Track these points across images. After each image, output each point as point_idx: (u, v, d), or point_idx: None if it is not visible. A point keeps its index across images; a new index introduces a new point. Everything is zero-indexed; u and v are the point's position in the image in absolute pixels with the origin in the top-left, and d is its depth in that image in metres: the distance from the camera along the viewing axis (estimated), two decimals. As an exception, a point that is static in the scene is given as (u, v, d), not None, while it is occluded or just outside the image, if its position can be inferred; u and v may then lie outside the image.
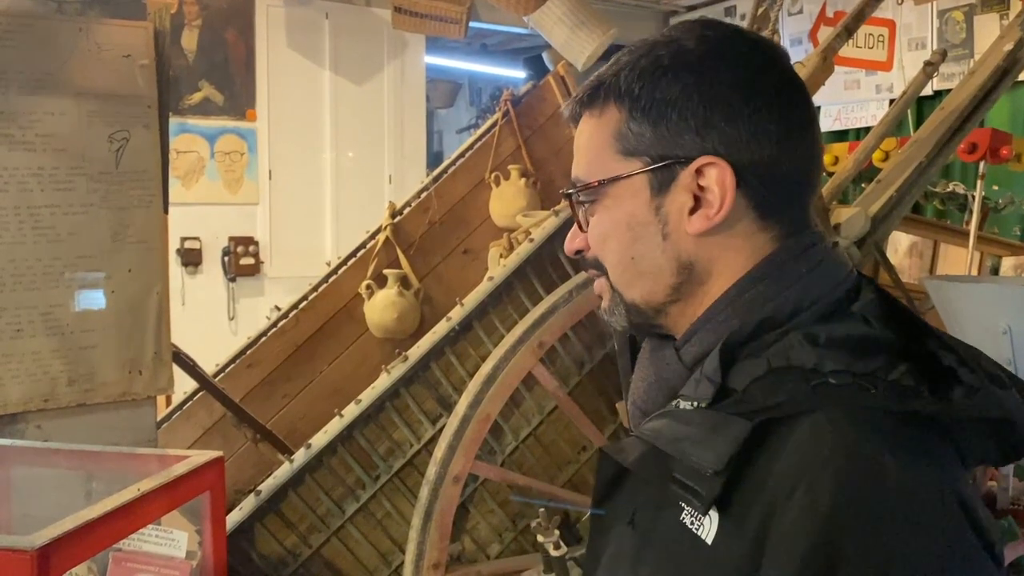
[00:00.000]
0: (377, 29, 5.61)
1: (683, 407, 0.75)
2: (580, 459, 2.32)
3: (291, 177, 5.36)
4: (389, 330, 3.13)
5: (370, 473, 2.17)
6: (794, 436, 0.66)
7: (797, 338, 0.72)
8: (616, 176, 0.78)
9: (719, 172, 0.75)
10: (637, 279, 0.80)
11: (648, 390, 0.82)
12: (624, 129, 0.78)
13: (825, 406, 0.67)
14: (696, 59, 0.76)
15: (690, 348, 0.78)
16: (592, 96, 0.81)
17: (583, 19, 4.96)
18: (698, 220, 0.76)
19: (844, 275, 0.77)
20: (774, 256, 0.77)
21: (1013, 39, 2.73)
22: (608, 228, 0.80)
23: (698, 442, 0.69)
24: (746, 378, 0.72)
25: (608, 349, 2.27)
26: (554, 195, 3.16)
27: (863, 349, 0.71)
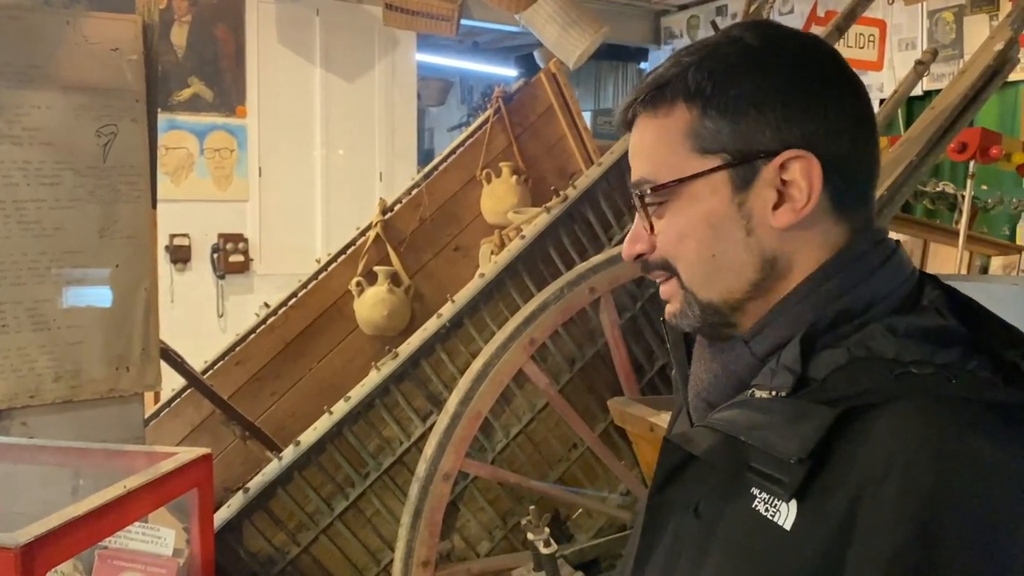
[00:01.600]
0: (368, 26, 5.59)
1: (759, 396, 0.75)
2: (571, 457, 2.31)
3: (281, 174, 5.34)
4: (379, 327, 3.12)
5: (359, 471, 2.16)
6: (881, 423, 0.66)
7: (878, 329, 0.73)
8: (696, 174, 0.78)
9: (806, 165, 0.76)
10: (717, 277, 0.79)
11: (715, 382, 0.82)
12: (699, 127, 0.78)
13: (909, 395, 0.67)
14: (765, 57, 0.78)
15: (762, 340, 0.78)
16: (656, 97, 0.80)
17: (574, 18, 4.95)
18: (785, 214, 0.77)
19: (911, 270, 0.79)
20: (848, 249, 0.78)
21: (1003, 39, 2.74)
22: (686, 227, 0.79)
23: (779, 430, 0.69)
24: (826, 368, 0.73)
25: (599, 347, 2.26)
26: (545, 192, 3.15)
27: (940, 340, 0.72)
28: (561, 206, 2.19)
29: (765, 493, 0.70)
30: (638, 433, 2.06)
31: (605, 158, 2.27)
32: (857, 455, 0.66)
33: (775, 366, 0.75)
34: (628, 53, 7.95)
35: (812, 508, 0.66)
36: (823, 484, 0.66)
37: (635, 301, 2.30)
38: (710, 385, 0.82)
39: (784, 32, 0.81)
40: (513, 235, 2.34)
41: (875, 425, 0.66)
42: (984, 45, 2.78)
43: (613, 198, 2.30)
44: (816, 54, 0.79)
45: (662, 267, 0.82)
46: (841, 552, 0.64)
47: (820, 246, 0.78)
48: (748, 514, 0.71)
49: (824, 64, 0.79)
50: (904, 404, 0.66)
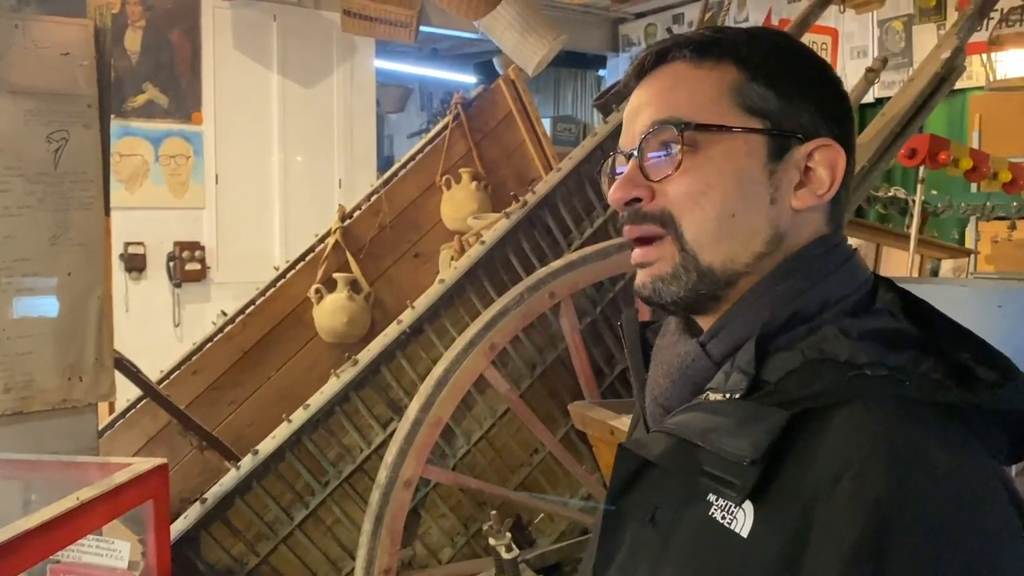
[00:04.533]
0: (326, 32, 5.56)
1: (713, 399, 0.74)
2: (532, 461, 2.32)
3: (238, 181, 5.28)
4: (339, 334, 3.10)
5: (319, 479, 2.14)
6: (834, 426, 0.66)
7: (832, 331, 0.72)
8: (742, 127, 0.76)
9: (833, 155, 0.77)
10: (728, 239, 0.76)
11: (671, 387, 0.80)
12: (746, 87, 0.77)
13: (863, 397, 0.67)
14: (806, 53, 0.81)
15: (718, 343, 0.77)
16: (705, 47, 0.78)
17: (533, 24, 4.97)
18: (806, 195, 0.77)
19: (866, 275, 0.79)
20: (805, 251, 0.77)
21: (950, 47, 2.80)
22: (714, 178, 0.76)
23: (732, 432, 0.68)
24: (780, 370, 0.72)
25: (559, 351, 2.27)
26: (505, 198, 3.16)
27: (893, 343, 0.72)
28: (521, 211, 2.20)
29: (721, 499, 0.69)
30: (599, 437, 2.07)
31: (564, 164, 2.28)
32: (811, 458, 0.65)
33: (729, 368, 0.74)
34: (586, 60, 8.01)
35: (768, 514, 0.66)
36: (779, 489, 0.66)
37: (595, 305, 2.31)
38: (667, 390, 0.80)
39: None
40: (473, 241, 2.34)
41: (828, 427, 0.66)
42: (932, 53, 2.85)
43: (572, 203, 2.31)
44: (831, 69, 0.82)
45: (658, 220, 0.77)
46: (798, 558, 0.62)
47: (806, 239, 0.78)
48: (705, 521, 0.69)
49: (837, 79, 0.82)
50: (857, 406, 0.66)
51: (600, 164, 0.89)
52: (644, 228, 0.78)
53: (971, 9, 2.90)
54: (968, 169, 3.50)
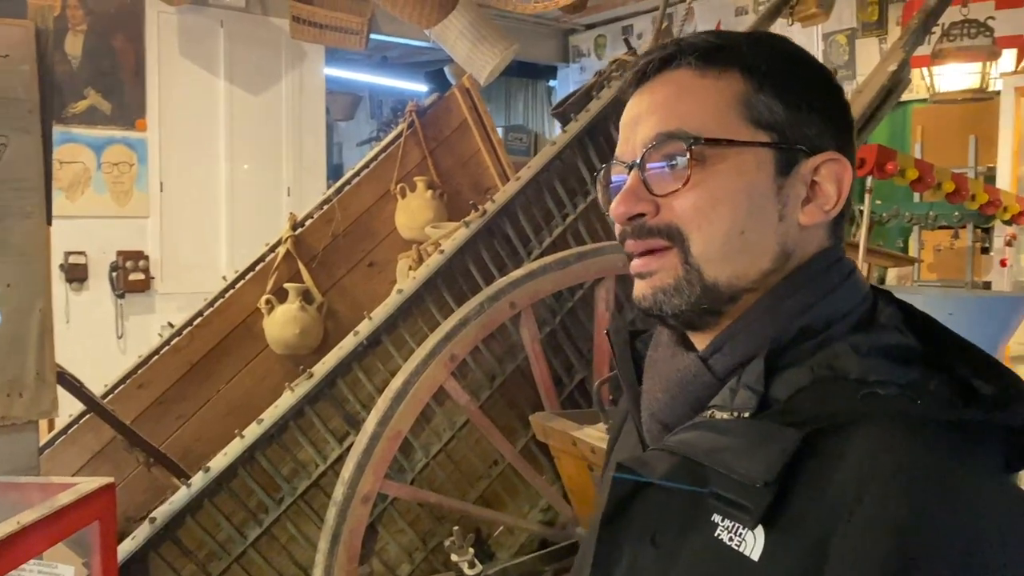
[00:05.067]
0: (275, 38, 5.48)
1: (720, 417, 0.71)
2: (491, 474, 2.28)
3: (183, 189, 5.16)
4: (290, 346, 3.03)
5: (273, 496, 2.08)
6: (850, 447, 0.64)
7: (842, 347, 0.71)
8: (751, 141, 0.74)
9: (840, 169, 0.75)
10: (736, 256, 0.74)
11: (671, 403, 0.77)
12: (753, 99, 0.75)
13: (876, 416, 0.65)
14: (811, 62, 0.78)
15: (721, 357, 0.75)
16: (710, 55, 0.76)
17: (485, 34, 4.96)
18: (813, 211, 0.76)
19: (866, 287, 0.78)
20: (809, 266, 0.76)
21: (897, 60, 2.85)
22: (724, 193, 0.73)
23: (743, 453, 0.66)
24: (789, 388, 0.70)
25: (519, 361, 2.24)
26: (461, 207, 3.13)
27: (901, 359, 0.71)
28: (480, 220, 2.17)
29: (728, 520, 0.67)
30: (561, 448, 2.05)
31: (524, 173, 2.26)
32: (826, 480, 0.63)
33: (735, 385, 0.72)
34: (537, 70, 8.03)
35: (781, 536, 0.64)
36: (792, 511, 0.64)
37: (554, 315, 2.29)
38: (666, 406, 0.78)
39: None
40: (431, 250, 2.30)
41: (845, 449, 0.64)
42: (879, 66, 2.90)
43: (532, 212, 2.29)
44: (834, 77, 0.80)
45: (664, 234, 0.75)
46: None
47: (810, 254, 0.77)
48: (711, 544, 0.67)
49: (840, 87, 0.80)
50: (872, 427, 0.64)
51: (599, 173, 0.86)
52: (649, 243, 0.76)
53: (916, 23, 2.96)
54: (914, 179, 3.56)
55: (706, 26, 6.11)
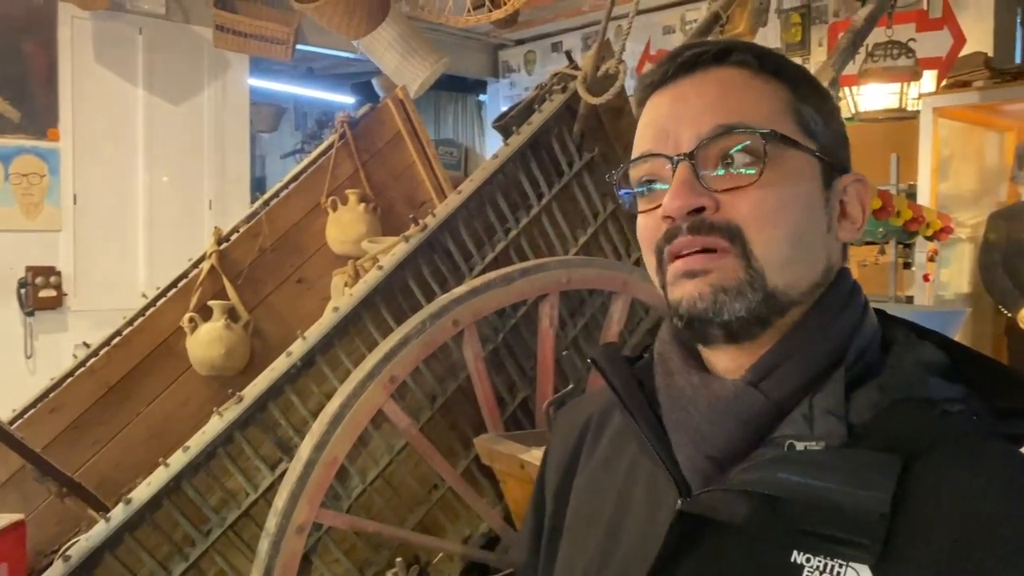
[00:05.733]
0: (196, 47, 5.31)
1: (803, 448, 0.66)
2: (431, 499, 2.19)
3: (99, 202, 4.94)
4: (215, 366, 2.89)
5: (200, 528, 1.95)
6: (951, 468, 0.63)
7: (910, 366, 0.69)
8: (809, 148, 0.72)
9: (865, 192, 0.75)
10: (794, 262, 0.71)
11: (724, 435, 0.70)
12: (800, 107, 0.73)
13: (960, 436, 0.66)
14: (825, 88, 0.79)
15: (776, 382, 0.70)
16: (764, 60, 0.74)
17: (414, 46, 4.90)
18: (849, 228, 0.75)
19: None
20: (845, 285, 0.74)
21: (827, 79, 2.89)
22: (788, 196, 0.70)
23: (849, 485, 0.62)
24: (868, 411, 0.67)
25: (461, 382, 2.16)
26: (394, 221, 3.05)
27: (947, 375, 0.70)
28: (421, 235, 2.09)
29: (822, 558, 0.63)
30: (507, 471, 1.98)
31: (465, 186, 2.19)
32: (934, 506, 0.62)
33: (807, 412, 0.67)
34: (467, 85, 8.00)
35: (893, 568, 0.61)
36: (902, 540, 0.61)
37: (497, 333, 2.23)
38: (718, 439, 0.70)
39: None
40: (369, 266, 2.21)
41: (948, 470, 0.63)
42: (810, 84, 2.93)
43: (474, 227, 2.22)
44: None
45: (725, 233, 0.69)
46: None
47: (837, 271, 0.76)
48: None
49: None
50: (969, 446, 0.65)
51: (615, 172, 0.78)
52: (708, 240, 0.70)
53: (844, 43, 3.01)
54: (842, 196, 3.63)
55: (637, 44, 6.17)
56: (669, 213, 0.71)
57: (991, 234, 4.51)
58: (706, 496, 0.69)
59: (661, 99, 0.75)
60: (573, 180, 2.39)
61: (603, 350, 0.83)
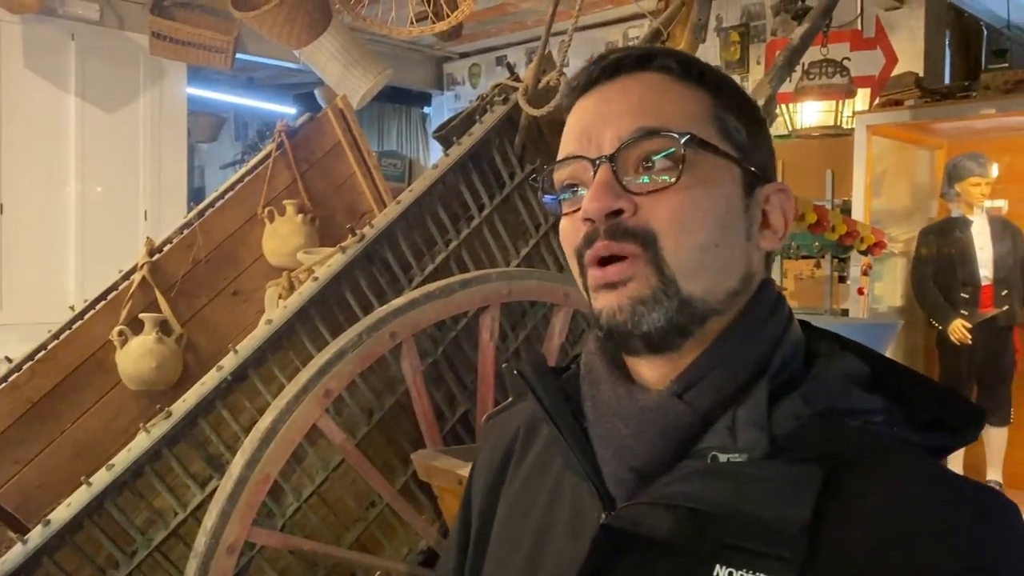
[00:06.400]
0: (132, 54, 5.19)
1: (726, 460, 0.66)
2: (369, 516, 2.14)
3: (27, 211, 4.80)
4: (146, 381, 2.80)
5: (125, 549, 1.88)
6: (873, 480, 0.63)
7: (832, 377, 0.69)
8: (730, 154, 0.71)
9: (787, 202, 0.75)
10: (708, 269, 0.70)
11: (647, 447, 0.69)
12: (722, 115, 0.72)
13: (882, 447, 0.66)
14: (747, 94, 0.78)
15: (700, 393, 0.69)
16: (688, 66, 0.73)
17: (357, 57, 4.85)
18: (770, 237, 0.75)
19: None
20: (769, 295, 0.74)
21: (764, 95, 2.94)
22: (705, 202, 0.69)
23: (769, 498, 0.62)
24: (788, 422, 0.66)
25: (399, 395, 2.13)
26: (333, 232, 2.99)
27: (867, 387, 0.69)
28: (358, 246, 2.05)
29: (744, 571, 0.62)
30: (446, 487, 1.94)
31: (405, 196, 2.16)
32: (854, 518, 0.62)
33: (731, 423, 0.66)
34: (411, 97, 7.98)
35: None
36: (824, 552, 0.61)
37: (436, 345, 2.19)
38: (641, 451, 0.69)
39: None
40: (304, 277, 2.16)
41: (870, 482, 0.63)
42: (749, 100, 2.97)
43: (413, 238, 2.18)
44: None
45: (639, 237, 0.69)
46: None
47: (759, 281, 0.75)
48: None
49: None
50: (891, 458, 0.65)
51: (540, 177, 0.77)
52: (624, 246, 0.69)
53: (780, 61, 3.06)
54: (781, 211, 3.69)
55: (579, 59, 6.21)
56: (588, 215, 0.70)
57: (922, 249, 4.62)
58: (629, 510, 0.68)
59: (586, 103, 0.75)
60: (514, 192, 2.38)
61: (528, 361, 0.80)
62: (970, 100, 4.30)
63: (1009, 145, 4.79)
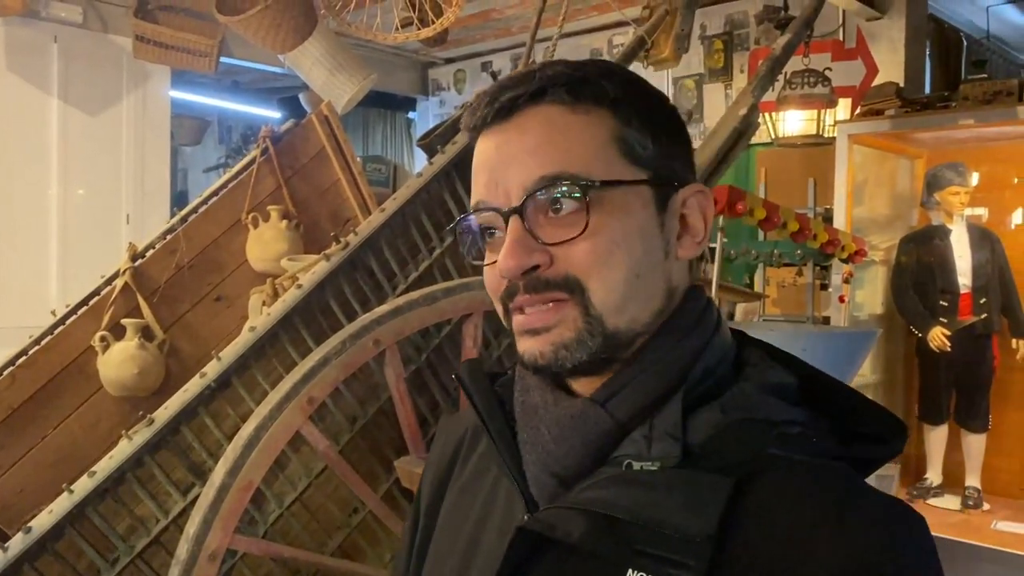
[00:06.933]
0: (115, 57, 5.17)
1: (639, 468, 0.67)
2: (351, 523, 2.15)
3: (8, 214, 4.76)
4: (128, 387, 2.78)
5: (107, 556, 1.87)
6: (781, 489, 0.64)
7: (749, 387, 0.70)
8: (637, 180, 0.71)
9: (705, 201, 0.75)
10: (633, 300, 0.70)
11: (568, 453, 0.71)
12: (626, 134, 0.72)
13: (795, 458, 0.66)
14: (655, 89, 0.77)
15: (621, 403, 0.70)
16: (577, 89, 0.71)
17: (342, 62, 4.86)
18: (689, 244, 0.75)
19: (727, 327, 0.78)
20: (695, 302, 0.75)
21: (746, 105, 2.97)
22: (620, 237, 0.69)
23: (677, 506, 0.63)
24: (704, 432, 0.67)
25: (382, 403, 2.13)
26: (318, 238, 2.99)
27: (790, 397, 0.71)
28: (342, 253, 2.05)
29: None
30: (427, 495, 1.95)
31: (389, 204, 2.16)
32: (763, 527, 0.62)
33: (648, 432, 0.68)
34: (396, 102, 7.98)
35: None
36: (730, 561, 0.62)
37: (420, 352, 2.20)
38: (562, 457, 0.71)
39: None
40: (288, 284, 2.16)
41: (778, 492, 0.64)
42: (730, 109, 3.00)
43: (397, 246, 2.19)
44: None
45: (562, 286, 0.69)
46: None
47: (684, 289, 0.76)
48: None
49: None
50: (801, 468, 0.65)
51: (456, 226, 0.78)
52: (547, 295, 0.70)
53: (763, 70, 3.10)
54: (762, 219, 3.71)
55: (563, 65, 6.23)
56: (504, 275, 0.71)
57: (902, 257, 4.67)
58: (546, 514, 0.70)
59: (487, 143, 0.74)
60: (498, 200, 2.39)
61: (466, 366, 0.83)
62: (950, 110, 4.35)
63: (988, 155, 4.85)
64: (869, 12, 5.14)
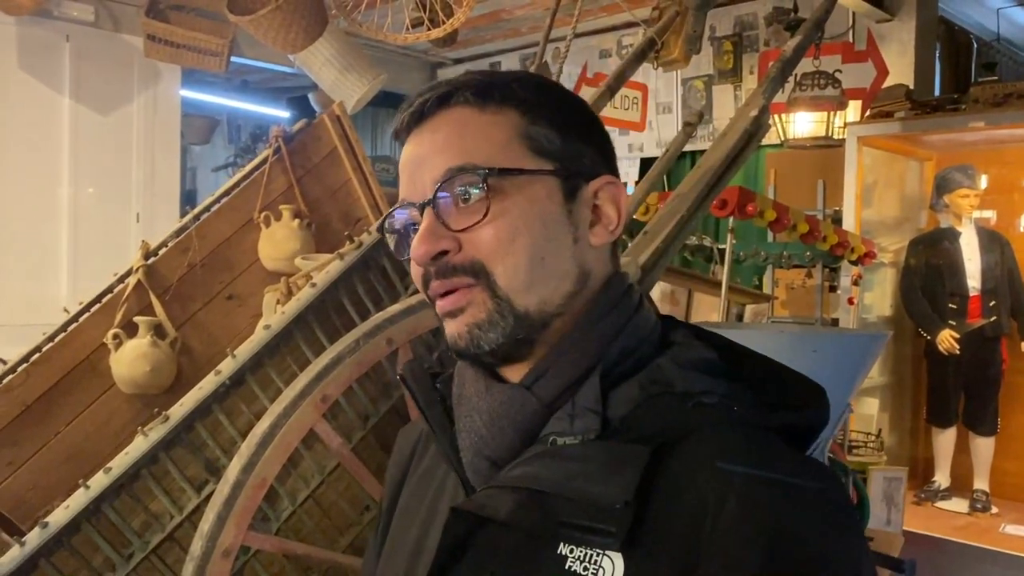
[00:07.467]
0: (126, 56, 5.20)
1: (563, 443, 0.72)
2: (363, 520, 2.16)
3: (20, 213, 4.79)
4: (140, 385, 2.80)
5: (122, 552, 1.89)
6: (697, 457, 0.67)
7: (666, 363, 0.74)
8: (539, 169, 0.76)
9: (617, 192, 0.80)
10: (539, 282, 0.76)
11: (498, 436, 0.76)
12: (532, 130, 0.77)
13: (713, 425, 0.69)
14: (568, 92, 0.84)
15: (546, 384, 0.75)
16: (485, 92, 0.77)
17: (352, 62, 4.88)
18: (601, 232, 0.79)
19: (654, 310, 0.82)
20: (611, 289, 0.80)
21: (757, 106, 2.97)
22: (521, 223, 0.75)
23: (596, 476, 0.67)
24: (624, 406, 0.72)
25: (395, 400, 2.14)
26: (329, 237, 3.01)
27: (712, 371, 0.74)
28: (356, 252, 2.07)
29: (582, 549, 0.66)
30: (439, 493, 1.96)
31: (401, 204, 2.17)
32: (680, 492, 0.65)
33: (571, 410, 0.72)
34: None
35: (642, 555, 0.65)
36: (649, 528, 0.65)
37: (431, 351, 2.21)
38: (492, 440, 0.76)
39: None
40: (302, 283, 2.18)
41: (691, 460, 0.67)
42: (741, 111, 3.00)
43: (410, 245, 2.20)
44: (591, 109, 0.86)
45: (469, 271, 0.75)
46: None
47: (603, 275, 0.80)
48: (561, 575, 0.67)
49: (599, 118, 0.86)
50: (712, 435, 0.68)
51: (385, 223, 0.85)
52: (455, 281, 0.76)
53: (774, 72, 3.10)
54: (772, 220, 3.72)
55: (574, 67, 6.24)
56: (416, 261, 0.77)
57: (911, 259, 4.67)
58: (478, 495, 0.74)
59: (408, 147, 0.80)
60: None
61: (408, 366, 0.89)
62: (959, 113, 4.35)
63: (997, 157, 4.84)
64: (879, 14, 5.14)
